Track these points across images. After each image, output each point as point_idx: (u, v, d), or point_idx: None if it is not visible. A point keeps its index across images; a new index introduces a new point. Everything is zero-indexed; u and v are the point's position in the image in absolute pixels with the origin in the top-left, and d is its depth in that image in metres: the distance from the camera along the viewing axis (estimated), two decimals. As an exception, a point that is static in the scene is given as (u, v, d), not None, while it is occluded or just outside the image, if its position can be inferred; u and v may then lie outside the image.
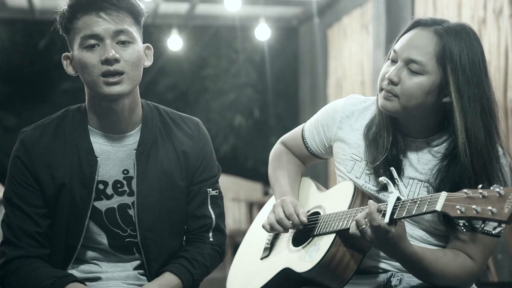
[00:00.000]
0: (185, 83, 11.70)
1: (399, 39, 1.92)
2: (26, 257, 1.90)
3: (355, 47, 7.15)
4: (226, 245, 2.11)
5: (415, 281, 1.90)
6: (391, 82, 1.87)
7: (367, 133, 1.98)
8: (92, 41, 1.86)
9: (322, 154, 2.15)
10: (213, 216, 2.03)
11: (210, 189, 2.04)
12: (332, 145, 2.08)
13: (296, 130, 2.21)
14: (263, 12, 8.54)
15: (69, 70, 1.94)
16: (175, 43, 8.74)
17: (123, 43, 1.87)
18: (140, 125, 1.99)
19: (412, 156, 1.93)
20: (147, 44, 1.98)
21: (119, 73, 1.86)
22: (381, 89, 1.91)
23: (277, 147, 2.26)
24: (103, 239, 1.97)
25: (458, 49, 1.84)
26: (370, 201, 1.75)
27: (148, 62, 1.98)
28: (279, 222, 1.98)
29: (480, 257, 1.84)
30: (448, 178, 1.86)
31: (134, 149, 1.96)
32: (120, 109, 1.93)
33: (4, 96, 11.45)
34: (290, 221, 1.97)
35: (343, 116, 2.04)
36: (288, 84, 11.34)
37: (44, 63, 11.34)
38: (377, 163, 1.91)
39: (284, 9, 9.03)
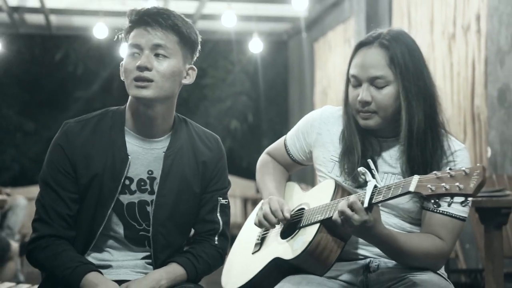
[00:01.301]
0: (186, 91, 11.66)
1: (350, 64, 1.94)
2: (56, 236, 1.91)
3: (339, 59, 7.17)
4: (227, 249, 2.12)
5: (392, 265, 1.91)
6: (365, 103, 1.89)
7: (343, 139, 2.00)
8: (135, 50, 1.91)
9: (303, 160, 2.16)
10: (221, 222, 2.04)
11: (221, 198, 2.05)
12: (312, 151, 2.09)
13: (279, 141, 2.22)
14: (256, 27, 8.55)
15: (122, 76, 1.97)
16: (176, 55, 8.76)
17: (159, 55, 1.91)
18: (170, 133, 2.00)
19: (385, 154, 1.95)
20: (192, 66, 2.02)
21: (149, 80, 1.88)
22: (358, 112, 1.92)
23: (263, 157, 2.27)
24: (120, 229, 1.97)
25: (400, 52, 1.87)
26: (352, 195, 1.78)
27: (187, 81, 2.01)
28: (265, 217, 1.99)
29: (449, 238, 1.86)
30: (409, 167, 1.89)
31: (163, 152, 1.97)
32: (154, 115, 1.95)
33: (23, 104, 11.37)
34: (276, 217, 1.98)
35: (321, 122, 2.06)
36: (278, 92, 11.33)
37: (60, 74, 11.29)
38: (354, 169, 1.92)
39: (275, 25, 9.04)
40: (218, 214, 2.04)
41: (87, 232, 1.95)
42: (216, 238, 2.03)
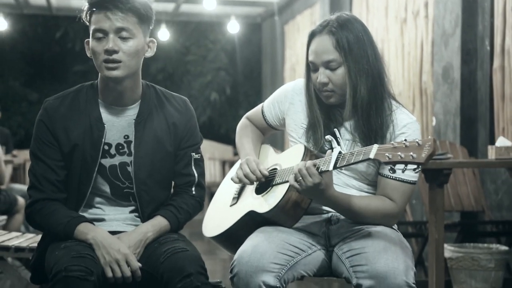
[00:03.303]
0: (172, 67, 11.60)
1: (307, 52, 1.93)
2: (48, 199, 1.90)
3: (306, 40, 7.14)
4: (205, 197, 2.12)
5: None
6: (324, 84, 1.89)
7: (308, 116, 1.99)
8: (100, 34, 1.85)
9: (277, 125, 2.15)
10: (196, 174, 2.03)
11: (194, 153, 2.03)
12: (285, 118, 2.08)
13: (257, 108, 2.21)
14: (233, 11, 8.54)
15: (88, 53, 1.93)
16: (163, 34, 8.66)
17: (124, 38, 1.86)
18: (140, 101, 1.98)
19: (347, 123, 1.95)
20: (151, 39, 1.97)
21: (117, 61, 1.85)
22: (320, 92, 1.92)
23: (242, 121, 2.26)
24: (107, 188, 1.96)
25: (346, 37, 1.86)
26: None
27: (149, 53, 1.97)
28: (246, 176, 1.98)
29: (400, 200, 1.86)
30: (359, 135, 1.89)
31: (133, 119, 1.96)
32: (123, 88, 1.92)
33: (28, 76, 11.31)
34: (254, 176, 1.98)
35: (294, 94, 2.05)
36: (253, 68, 11.30)
37: (60, 50, 11.25)
38: (321, 140, 1.92)
39: (250, 8, 8.98)
40: (193, 168, 2.03)
41: (77, 194, 1.94)
42: (193, 189, 2.03)
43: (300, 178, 1.75)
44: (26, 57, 11.40)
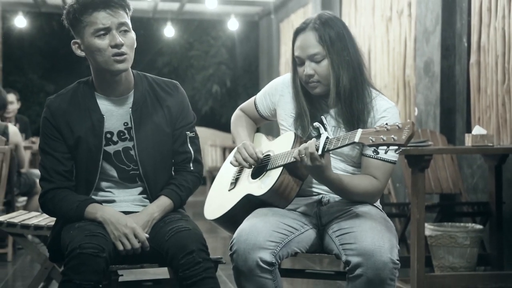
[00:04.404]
0: (176, 61, 11.57)
1: (293, 48, 1.93)
2: (57, 188, 1.89)
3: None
4: (203, 172, 2.09)
5: (339, 200, 1.92)
6: (310, 76, 1.88)
7: (295, 107, 1.99)
8: (103, 32, 1.82)
9: (268, 116, 2.14)
10: (192, 151, 2.01)
11: (188, 132, 2.01)
12: (276, 109, 2.07)
13: (250, 100, 2.19)
14: (233, 10, 8.50)
15: (78, 52, 1.90)
16: (169, 31, 8.62)
17: (124, 32, 1.84)
18: (133, 90, 1.95)
19: (332, 111, 1.94)
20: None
21: (124, 54, 1.83)
22: (306, 83, 1.91)
23: (237, 112, 2.24)
24: (114, 173, 1.95)
25: (328, 32, 1.86)
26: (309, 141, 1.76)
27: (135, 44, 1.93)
28: (245, 159, 1.97)
29: (383, 178, 1.86)
30: (343, 121, 1.89)
31: (130, 108, 1.93)
32: (119, 79, 1.90)
33: (45, 70, 11.33)
34: (252, 159, 1.97)
35: (283, 86, 2.04)
36: (251, 63, 11.27)
37: (74, 45, 11.22)
38: (308, 128, 1.92)
39: (248, 7, 8.96)
40: (189, 145, 2.01)
41: (86, 181, 1.93)
42: (191, 165, 2.01)
43: (304, 155, 1.74)
44: (44, 52, 11.38)
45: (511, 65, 3.62)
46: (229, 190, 2.08)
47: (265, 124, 2.32)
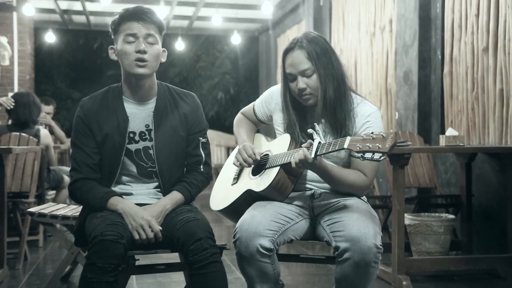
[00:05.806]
0: (186, 71, 11.57)
1: (283, 65, 1.90)
2: (85, 178, 1.89)
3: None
4: (211, 173, 2.10)
5: (329, 194, 1.91)
6: (303, 89, 1.86)
7: (285, 118, 1.97)
8: (131, 38, 1.84)
9: (265, 120, 2.13)
10: (203, 155, 2.01)
11: (201, 138, 2.02)
12: (272, 115, 2.07)
13: (250, 106, 2.19)
14: (236, 26, 8.53)
15: (113, 56, 1.91)
16: (180, 45, 8.61)
17: (150, 42, 1.85)
18: (156, 96, 1.96)
19: (323, 119, 1.91)
20: (163, 49, 1.95)
21: (145, 61, 1.84)
22: (300, 97, 1.89)
23: (238, 116, 2.23)
24: (133, 168, 1.95)
25: (314, 49, 1.84)
26: (303, 148, 1.74)
27: (163, 59, 1.95)
28: (245, 160, 1.96)
29: (370, 173, 1.85)
30: (330, 128, 1.87)
31: (152, 112, 1.94)
32: (143, 84, 1.91)
33: (72, 79, 11.35)
34: (251, 159, 1.96)
35: (278, 95, 2.02)
36: (252, 72, 11.27)
37: (97, 58, 11.27)
38: (298, 138, 1.91)
39: (249, 24, 8.96)
40: (201, 149, 2.01)
41: (108, 174, 1.92)
42: (201, 167, 2.01)
43: (300, 164, 1.72)
44: (70, 64, 11.40)
45: (479, 75, 3.62)
46: (232, 185, 2.07)
47: (265, 126, 2.31)
